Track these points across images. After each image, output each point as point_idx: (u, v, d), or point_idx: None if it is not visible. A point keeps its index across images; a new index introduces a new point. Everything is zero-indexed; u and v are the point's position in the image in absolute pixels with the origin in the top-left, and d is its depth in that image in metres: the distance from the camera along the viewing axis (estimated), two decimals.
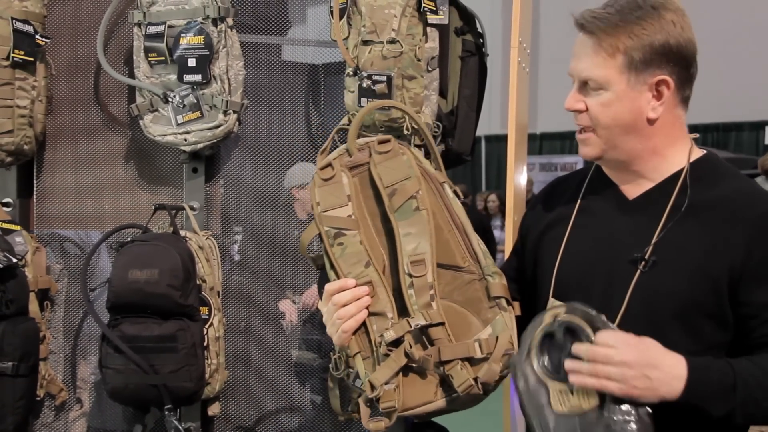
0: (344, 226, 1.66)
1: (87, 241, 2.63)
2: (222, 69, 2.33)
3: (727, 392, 1.44)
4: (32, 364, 2.34)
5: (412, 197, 1.64)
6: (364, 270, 1.64)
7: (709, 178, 1.59)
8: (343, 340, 1.64)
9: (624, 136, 1.60)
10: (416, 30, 2.18)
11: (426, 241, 1.62)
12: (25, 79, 2.38)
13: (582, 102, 1.61)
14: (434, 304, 1.60)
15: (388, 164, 1.68)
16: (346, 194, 1.69)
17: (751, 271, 1.50)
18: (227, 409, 2.53)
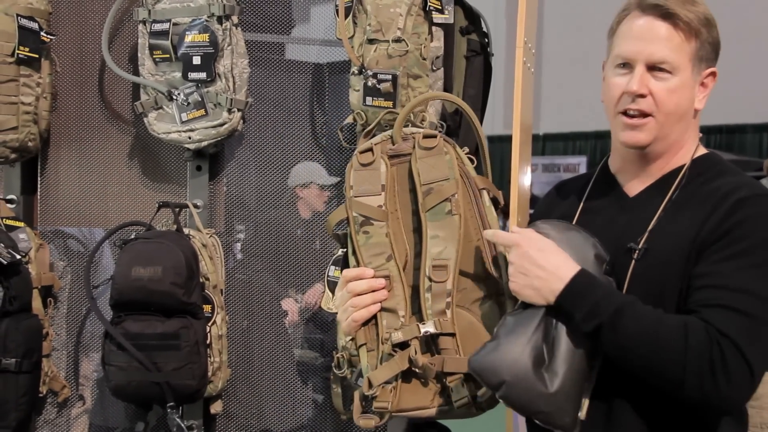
0: (373, 215, 1.64)
1: (90, 238, 2.63)
2: (227, 67, 2.33)
3: (599, 309, 1.44)
4: (35, 360, 2.34)
5: (447, 200, 1.61)
6: (384, 263, 1.62)
7: (708, 174, 1.61)
8: (351, 328, 1.63)
9: (677, 124, 1.60)
10: (422, 29, 2.17)
11: (453, 246, 1.60)
12: (30, 76, 2.38)
13: (646, 87, 1.57)
14: (449, 312, 1.58)
15: (429, 161, 1.64)
16: (381, 183, 1.66)
17: (707, 243, 1.50)
18: (229, 408, 2.53)
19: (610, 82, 1.62)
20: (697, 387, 1.42)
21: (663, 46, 1.56)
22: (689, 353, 1.41)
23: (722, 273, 1.47)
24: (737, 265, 1.46)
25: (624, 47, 1.59)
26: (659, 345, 1.43)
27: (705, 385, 1.42)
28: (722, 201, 1.52)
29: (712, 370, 1.41)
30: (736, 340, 1.41)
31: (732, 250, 1.47)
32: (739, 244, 1.47)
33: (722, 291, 1.45)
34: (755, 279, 1.45)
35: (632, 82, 1.57)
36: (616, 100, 1.60)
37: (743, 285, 1.45)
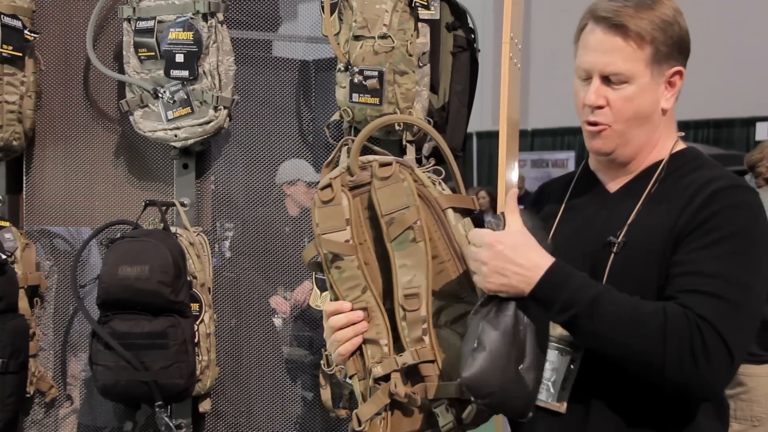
0: (341, 251, 1.62)
1: (77, 237, 2.62)
2: (212, 65, 2.32)
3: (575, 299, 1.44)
4: (22, 361, 2.33)
5: (410, 228, 1.60)
6: (361, 295, 1.62)
7: (686, 168, 1.62)
8: (340, 361, 1.64)
9: (638, 129, 1.61)
10: (408, 25, 2.17)
11: (422, 274, 1.59)
12: (14, 75, 2.37)
13: (603, 98, 1.59)
14: (426, 338, 1.58)
15: (387, 190, 1.62)
16: (345, 218, 1.63)
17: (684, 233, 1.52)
18: (218, 406, 2.52)
19: (575, 92, 1.65)
20: (678, 371, 1.42)
21: (615, 58, 1.57)
22: (669, 338, 1.41)
23: (698, 260, 1.48)
24: (714, 253, 1.47)
25: (582, 59, 1.62)
26: (638, 331, 1.43)
27: (685, 369, 1.42)
28: (699, 192, 1.53)
29: (693, 354, 1.41)
30: (715, 324, 1.42)
31: (709, 238, 1.49)
32: (716, 233, 1.49)
33: (699, 277, 1.46)
34: (731, 266, 1.46)
35: (588, 95, 1.59)
36: (580, 109, 1.63)
37: (719, 271, 1.46)
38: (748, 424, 3.07)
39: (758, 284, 1.49)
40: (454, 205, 1.65)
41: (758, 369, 3.04)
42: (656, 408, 1.54)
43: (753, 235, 1.50)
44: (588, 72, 1.60)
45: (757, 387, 3.04)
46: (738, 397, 3.07)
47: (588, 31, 1.60)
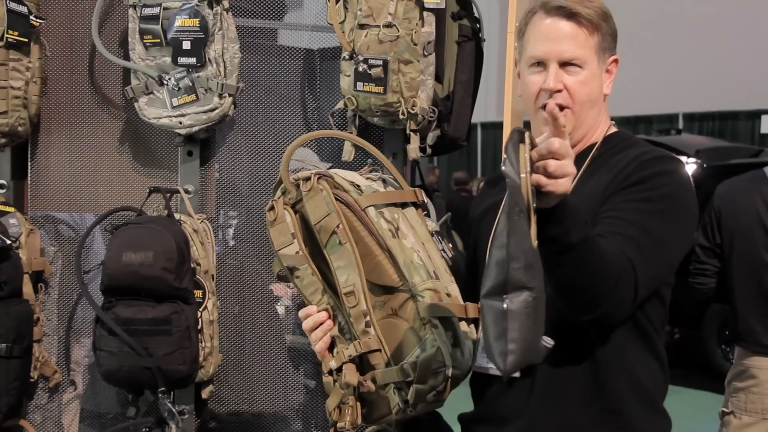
0: (295, 263, 1.80)
1: (81, 223, 2.63)
2: (218, 52, 2.32)
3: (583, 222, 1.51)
4: (26, 346, 2.34)
5: (333, 233, 1.74)
6: (322, 297, 1.79)
7: (618, 147, 1.76)
8: (321, 359, 1.81)
9: (590, 111, 1.76)
10: (413, 14, 2.17)
11: (354, 272, 1.72)
12: (19, 60, 2.37)
13: (560, 82, 1.72)
14: (371, 330, 1.72)
15: (311, 203, 1.77)
16: (290, 232, 1.80)
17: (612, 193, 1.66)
18: (221, 393, 2.53)
19: (527, 81, 1.77)
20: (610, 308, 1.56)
21: (571, 45, 1.71)
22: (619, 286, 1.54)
23: (621, 209, 1.63)
24: (636, 207, 1.63)
25: (536, 48, 1.74)
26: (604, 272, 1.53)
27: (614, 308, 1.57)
28: (630, 163, 1.69)
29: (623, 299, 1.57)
30: (637, 270, 1.57)
31: (634, 196, 1.64)
32: (641, 194, 1.64)
33: (620, 222, 1.61)
34: (649, 220, 1.62)
35: (549, 80, 1.71)
36: (535, 96, 1.75)
37: (639, 221, 1.61)
38: (758, 417, 3.05)
39: (672, 242, 1.65)
40: (377, 203, 1.77)
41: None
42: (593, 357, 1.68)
43: (675, 198, 1.66)
44: (545, 60, 1.73)
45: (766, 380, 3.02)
46: (749, 390, 3.06)
47: (539, 21, 1.74)
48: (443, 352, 1.65)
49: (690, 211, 1.70)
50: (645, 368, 1.72)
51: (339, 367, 1.75)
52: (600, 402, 1.68)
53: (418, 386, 1.66)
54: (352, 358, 1.73)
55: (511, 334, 1.32)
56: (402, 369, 1.68)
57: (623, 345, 1.69)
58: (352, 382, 1.72)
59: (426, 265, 1.72)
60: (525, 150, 1.37)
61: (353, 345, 1.73)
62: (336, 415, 1.76)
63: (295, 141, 1.86)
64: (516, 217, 1.33)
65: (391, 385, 1.70)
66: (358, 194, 1.77)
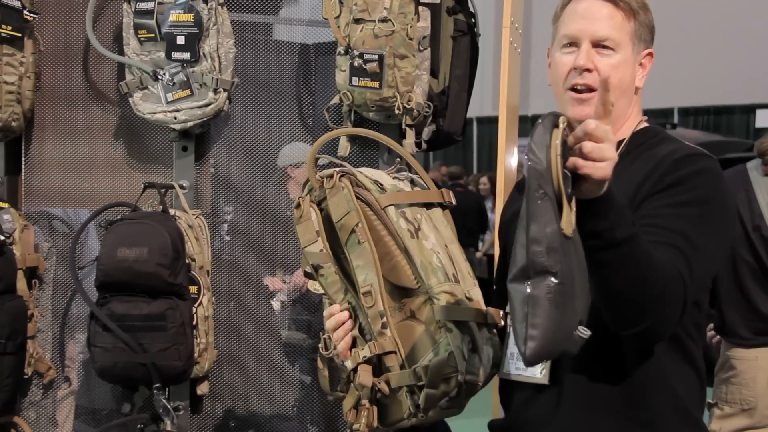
0: (319, 261, 1.78)
1: (75, 219, 2.62)
2: (212, 47, 2.32)
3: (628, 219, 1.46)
4: (20, 342, 2.34)
5: (353, 231, 1.72)
6: (344, 296, 1.76)
7: (648, 143, 1.71)
8: (344, 358, 1.77)
9: (620, 99, 1.69)
10: (408, 9, 2.16)
11: (372, 272, 1.70)
12: (13, 55, 2.36)
13: (591, 62, 1.67)
14: (387, 331, 1.69)
15: (333, 200, 1.75)
16: (315, 230, 1.78)
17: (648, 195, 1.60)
18: (216, 389, 2.53)
19: (558, 62, 1.72)
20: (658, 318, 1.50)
21: (606, 24, 1.67)
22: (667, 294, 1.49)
23: (661, 215, 1.57)
24: (676, 212, 1.57)
25: (570, 27, 1.70)
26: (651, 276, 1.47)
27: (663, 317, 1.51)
28: (662, 161, 1.62)
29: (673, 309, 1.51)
30: (686, 280, 1.51)
31: (672, 200, 1.58)
32: (678, 197, 1.58)
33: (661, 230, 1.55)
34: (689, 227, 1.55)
35: (579, 58, 1.67)
36: (564, 77, 1.70)
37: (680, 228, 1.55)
38: (737, 408, 3.09)
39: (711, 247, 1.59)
40: (398, 202, 1.74)
41: (747, 353, 3.06)
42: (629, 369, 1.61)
43: (712, 200, 1.60)
44: (576, 38, 1.68)
45: (747, 370, 3.06)
46: (729, 381, 3.09)
47: (575, 3, 1.71)
48: (456, 357, 1.62)
49: (728, 210, 1.66)
50: (680, 378, 1.64)
51: (355, 367, 1.73)
52: (633, 413, 1.61)
53: (428, 391, 1.63)
54: (367, 359, 1.71)
55: (533, 319, 1.29)
56: (414, 372, 1.65)
57: (658, 353, 1.62)
58: (366, 383, 1.70)
59: (445, 268, 1.69)
60: (558, 134, 1.32)
61: (368, 346, 1.70)
62: (352, 417, 1.74)
63: (323, 137, 1.85)
64: (539, 201, 1.30)
65: (404, 388, 1.67)
66: (380, 193, 1.74)
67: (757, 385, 3.06)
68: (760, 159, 3.20)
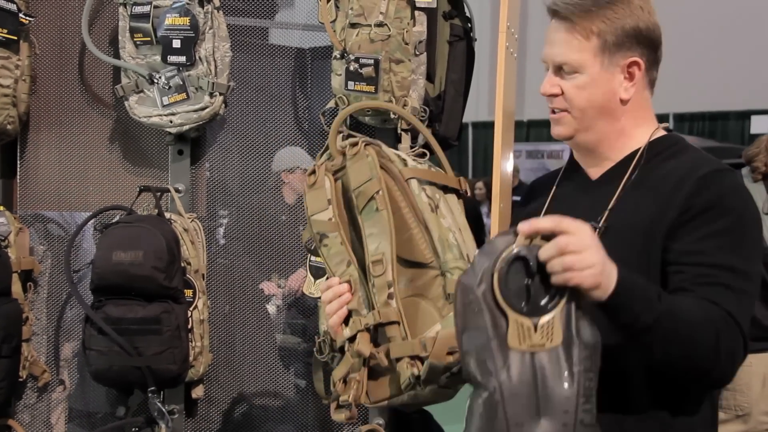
0: (326, 229, 1.76)
1: (71, 222, 2.61)
2: (208, 50, 2.32)
3: (651, 299, 1.43)
4: (15, 345, 2.33)
5: (372, 198, 1.70)
6: (346, 269, 1.73)
7: (666, 153, 1.67)
8: (333, 334, 1.74)
9: (597, 118, 1.67)
10: (404, 13, 2.17)
11: (386, 240, 1.68)
12: (9, 58, 2.36)
13: (557, 86, 1.68)
14: (392, 302, 1.67)
15: (355, 167, 1.74)
16: (327, 198, 1.77)
17: (681, 222, 1.56)
18: (211, 392, 2.53)
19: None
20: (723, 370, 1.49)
21: (562, 50, 1.66)
22: (721, 345, 1.47)
23: (705, 252, 1.52)
24: (719, 244, 1.53)
25: (543, 51, 1.70)
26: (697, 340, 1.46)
27: (729, 367, 1.50)
28: (684, 180, 1.58)
29: (733, 354, 1.49)
30: (738, 319, 1.49)
31: (710, 228, 1.54)
32: (715, 223, 1.54)
33: (709, 268, 1.51)
34: (735, 257, 1.53)
35: (543, 85, 1.69)
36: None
37: (727, 262, 1.52)
38: (732, 414, 3.10)
39: (757, 269, 1.58)
40: (420, 177, 1.74)
41: None
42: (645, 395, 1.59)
43: (745, 218, 1.58)
44: (545, 63, 1.70)
45: (741, 377, 3.06)
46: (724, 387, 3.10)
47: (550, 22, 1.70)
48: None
49: (758, 224, 1.63)
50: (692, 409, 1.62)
51: (353, 336, 1.68)
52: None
53: (432, 362, 1.60)
54: (368, 327, 1.67)
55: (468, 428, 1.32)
56: (420, 342, 1.62)
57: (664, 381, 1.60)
58: (364, 351, 1.65)
59: (460, 246, 1.69)
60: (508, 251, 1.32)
61: (372, 314, 1.66)
62: (341, 388, 1.70)
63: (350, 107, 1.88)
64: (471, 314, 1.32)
65: (406, 360, 1.64)
66: (404, 166, 1.75)
67: (751, 391, 3.07)
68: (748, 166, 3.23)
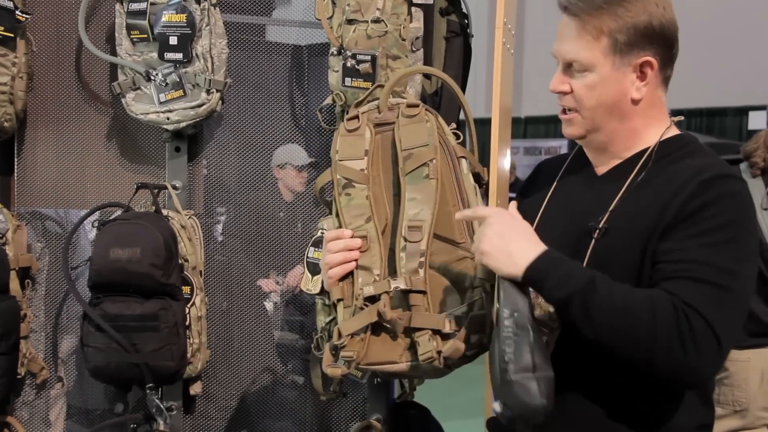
0: (355, 178, 1.72)
1: (68, 219, 2.62)
2: (205, 47, 2.32)
3: (568, 277, 1.46)
4: (13, 342, 2.33)
5: (425, 164, 1.68)
6: (363, 224, 1.70)
7: (674, 155, 1.62)
8: (329, 285, 1.71)
9: (607, 117, 1.62)
10: (401, 9, 2.17)
11: (428, 209, 1.66)
12: (5, 56, 2.35)
13: (567, 84, 1.63)
14: (421, 271, 1.64)
15: (410, 128, 1.71)
16: (364, 148, 1.73)
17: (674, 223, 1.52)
18: (209, 389, 2.53)
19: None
20: (667, 359, 1.43)
21: (573, 46, 1.60)
22: (658, 326, 1.42)
23: (687, 248, 1.49)
24: (703, 242, 1.48)
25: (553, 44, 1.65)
26: (628, 320, 1.44)
27: (674, 357, 1.42)
28: (686, 183, 1.53)
29: (681, 341, 1.42)
30: (702, 310, 1.43)
31: (698, 228, 1.49)
32: (706, 223, 1.49)
33: (685, 264, 1.47)
34: (720, 253, 1.47)
35: (552, 81, 1.65)
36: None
37: (708, 258, 1.47)
38: (730, 409, 3.10)
39: (747, 271, 1.50)
40: (469, 159, 1.73)
41: (740, 354, 3.07)
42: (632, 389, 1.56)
43: (741, 223, 1.51)
44: (555, 59, 1.66)
45: (739, 372, 3.07)
46: (721, 382, 3.10)
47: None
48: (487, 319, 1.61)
49: (755, 237, 1.56)
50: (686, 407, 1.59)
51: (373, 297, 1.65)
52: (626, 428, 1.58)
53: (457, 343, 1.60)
54: (398, 290, 1.64)
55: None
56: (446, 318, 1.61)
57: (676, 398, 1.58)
58: (387, 315, 1.62)
59: None
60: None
61: (403, 279, 1.63)
62: (347, 341, 1.65)
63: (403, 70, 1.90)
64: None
65: (427, 331, 1.62)
66: (456, 143, 1.74)
67: (749, 386, 3.07)
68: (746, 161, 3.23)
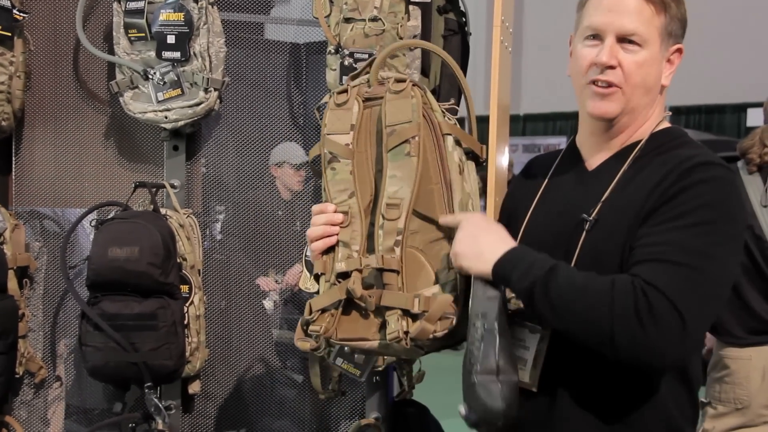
0: (339, 152, 1.70)
1: (66, 218, 2.61)
2: (203, 46, 2.32)
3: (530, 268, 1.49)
4: (11, 341, 2.33)
5: (407, 141, 1.65)
6: (346, 199, 1.68)
7: (664, 147, 1.62)
8: (313, 258, 1.70)
9: (643, 98, 1.61)
10: (398, 8, 2.17)
11: (408, 187, 1.64)
12: (3, 55, 2.35)
13: (615, 58, 1.58)
14: (397, 250, 1.63)
15: (396, 103, 1.69)
16: (351, 123, 1.71)
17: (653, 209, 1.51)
18: (208, 388, 2.53)
19: (579, 54, 1.63)
20: (625, 337, 1.42)
21: (634, 19, 1.57)
22: (615, 304, 1.42)
23: (659, 232, 1.48)
24: (675, 225, 1.48)
25: (595, 18, 1.60)
26: (588, 301, 1.44)
27: (633, 333, 1.41)
28: (670, 172, 1.53)
29: (638, 318, 1.41)
30: (663, 288, 1.42)
31: (673, 212, 1.49)
32: (681, 206, 1.49)
33: (656, 246, 1.47)
34: (691, 235, 1.46)
35: (602, 54, 1.58)
36: (585, 70, 1.61)
37: (678, 240, 1.46)
38: (731, 407, 3.10)
39: (723, 254, 1.49)
40: (456, 136, 1.69)
41: (741, 352, 3.07)
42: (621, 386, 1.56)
43: (718, 207, 1.50)
44: (600, 31, 1.59)
45: (740, 370, 3.07)
46: (722, 380, 3.10)
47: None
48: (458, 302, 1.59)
49: (737, 223, 1.53)
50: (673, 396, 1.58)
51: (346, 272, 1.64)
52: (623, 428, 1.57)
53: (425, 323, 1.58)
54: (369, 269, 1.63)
55: None
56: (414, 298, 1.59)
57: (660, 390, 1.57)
58: (356, 292, 1.61)
59: None
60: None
61: (375, 257, 1.62)
62: (316, 316, 1.65)
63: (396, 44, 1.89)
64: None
65: (397, 311, 1.61)
66: (443, 119, 1.70)
67: (750, 384, 3.07)
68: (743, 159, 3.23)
